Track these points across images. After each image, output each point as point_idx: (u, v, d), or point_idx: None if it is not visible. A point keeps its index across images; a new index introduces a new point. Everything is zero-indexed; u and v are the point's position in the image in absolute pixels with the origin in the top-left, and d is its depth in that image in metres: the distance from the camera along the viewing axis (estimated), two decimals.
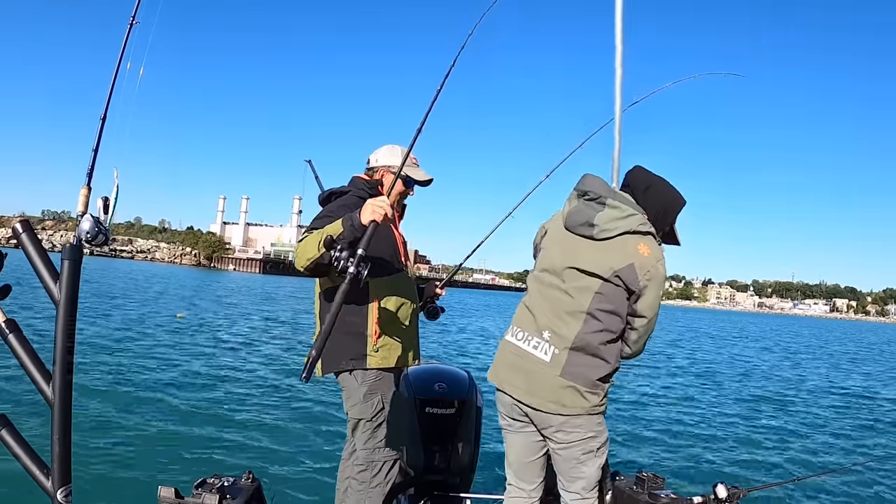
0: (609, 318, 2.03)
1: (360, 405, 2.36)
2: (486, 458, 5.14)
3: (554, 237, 2.22)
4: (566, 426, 2.04)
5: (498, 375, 2.17)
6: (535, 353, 2.05)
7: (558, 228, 2.21)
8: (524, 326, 2.13)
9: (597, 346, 2.03)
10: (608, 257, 2.04)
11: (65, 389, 1.21)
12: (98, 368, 8.37)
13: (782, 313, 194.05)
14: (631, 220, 2.07)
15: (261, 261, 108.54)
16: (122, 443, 5.23)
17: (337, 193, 2.50)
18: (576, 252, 2.11)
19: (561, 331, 2.03)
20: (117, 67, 1.87)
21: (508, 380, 2.12)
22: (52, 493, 1.20)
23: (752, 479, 5.81)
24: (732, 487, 2.52)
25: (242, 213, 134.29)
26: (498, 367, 2.18)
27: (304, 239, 2.21)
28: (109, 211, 1.56)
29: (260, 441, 5.75)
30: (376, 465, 2.38)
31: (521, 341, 2.11)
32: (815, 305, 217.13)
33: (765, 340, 32.01)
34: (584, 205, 2.14)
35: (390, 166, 2.53)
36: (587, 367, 2.02)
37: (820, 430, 8.68)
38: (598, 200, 2.12)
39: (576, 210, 2.15)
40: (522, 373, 2.07)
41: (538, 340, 2.06)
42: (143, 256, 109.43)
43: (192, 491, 2.16)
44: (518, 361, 2.09)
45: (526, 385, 2.05)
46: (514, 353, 2.12)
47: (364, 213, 2.04)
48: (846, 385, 14.35)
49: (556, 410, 2.01)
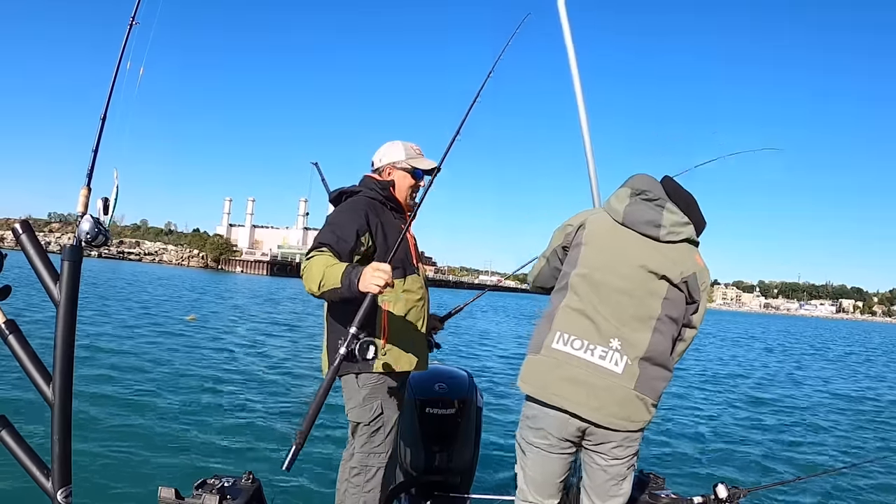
0: (672, 327, 1.92)
1: (358, 409, 2.33)
2: (486, 458, 5.14)
3: (605, 233, 2.00)
4: (626, 441, 1.89)
5: (548, 390, 1.89)
6: (602, 364, 1.84)
7: (609, 224, 2.00)
8: (582, 334, 1.88)
9: (664, 355, 1.90)
10: (677, 262, 1.92)
11: (65, 390, 1.21)
12: (99, 369, 8.37)
13: (788, 314, 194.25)
14: (690, 228, 1.97)
15: (268, 263, 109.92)
16: (122, 443, 5.23)
17: (348, 193, 2.45)
18: (640, 251, 1.93)
19: (631, 338, 1.86)
20: (117, 68, 1.87)
21: (566, 395, 1.86)
22: (52, 494, 1.20)
23: (752, 479, 5.80)
24: (732, 487, 2.52)
25: (248, 214, 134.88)
26: (548, 380, 1.90)
27: (310, 264, 2.10)
28: (109, 212, 1.55)
29: (260, 442, 5.75)
30: (370, 469, 2.35)
31: (580, 350, 1.87)
32: (822, 306, 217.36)
33: (767, 340, 32.00)
34: (643, 203, 1.97)
35: (395, 162, 2.49)
36: (658, 378, 1.89)
37: (820, 430, 8.68)
38: (657, 202, 1.97)
39: (636, 207, 1.96)
40: (586, 387, 1.84)
41: (604, 349, 1.85)
42: (150, 259, 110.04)
43: (193, 491, 2.16)
44: (580, 374, 1.85)
45: (592, 400, 1.83)
46: (573, 365, 1.86)
47: (363, 280, 1.90)
48: (847, 385, 14.35)
49: (624, 427, 1.84)
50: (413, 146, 2.54)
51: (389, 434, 2.40)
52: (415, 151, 2.53)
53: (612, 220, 2.00)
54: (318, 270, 2.04)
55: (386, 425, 2.38)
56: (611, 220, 2.00)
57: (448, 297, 45.92)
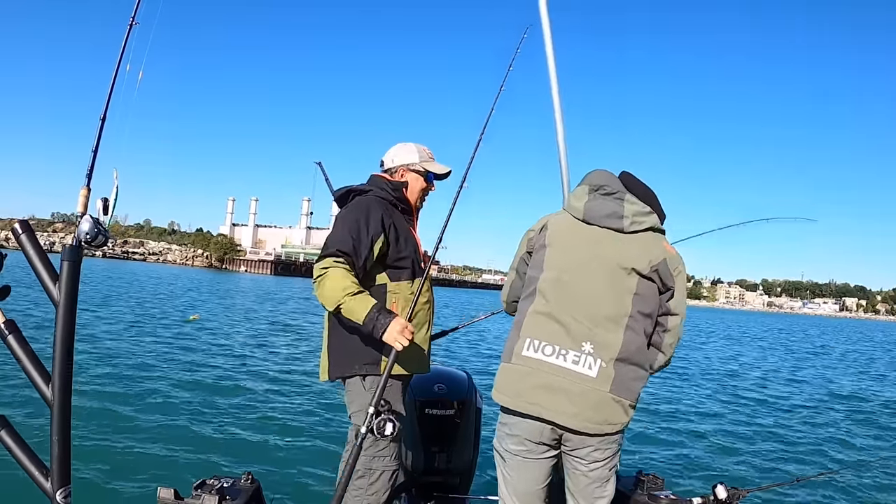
0: (646, 322, 1.89)
1: (364, 411, 2.33)
2: (485, 458, 5.13)
3: (566, 231, 1.97)
4: (603, 444, 1.86)
5: (523, 398, 1.85)
6: (575, 369, 1.79)
7: (570, 223, 1.98)
8: (552, 339, 1.84)
9: (640, 354, 1.87)
10: (642, 250, 1.89)
11: (64, 390, 1.21)
12: (99, 369, 8.36)
13: (792, 312, 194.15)
14: (653, 217, 1.97)
15: (272, 262, 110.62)
16: (121, 443, 5.22)
17: (356, 192, 2.42)
18: (605, 246, 1.90)
19: (604, 340, 1.81)
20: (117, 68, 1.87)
21: (541, 402, 1.82)
22: (51, 494, 1.20)
23: (752, 479, 5.80)
24: (732, 488, 2.51)
25: (252, 214, 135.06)
26: (521, 388, 1.86)
27: (328, 279, 2.11)
28: (109, 212, 1.55)
29: (260, 442, 5.74)
30: (374, 472, 2.34)
31: (551, 357, 1.82)
32: (825, 304, 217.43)
33: (768, 339, 31.99)
34: (601, 198, 1.96)
35: (410, 164, 2.49)
36: (634, 379, 1.85)
37: (820, 430, 8.67)
38: (615, 196, 1.95)
39: (595, 203, 1.95)
40: (561, 393, 1.80)
41: (577, 354, 1.80)
42: (155, 258, 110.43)
43: (192, 492, 2.16)
44: (554, 380, 1.81)
45: (568, 406, 1.79)
46: (546, 372, 1.82)
47: (389, 334, 2.01)
48: (848, 385, 14.34)
49: (600, 430, 1.81)
50: (425, 149, 2.55)
51: (395, 438, 2.40)
52: (427, 154, 2.53)
53: (573, 219, 1.98)
54: (337, 292, 2.07)
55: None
56: (572, 218, 1.98)
57: (449, 296, 45.43)
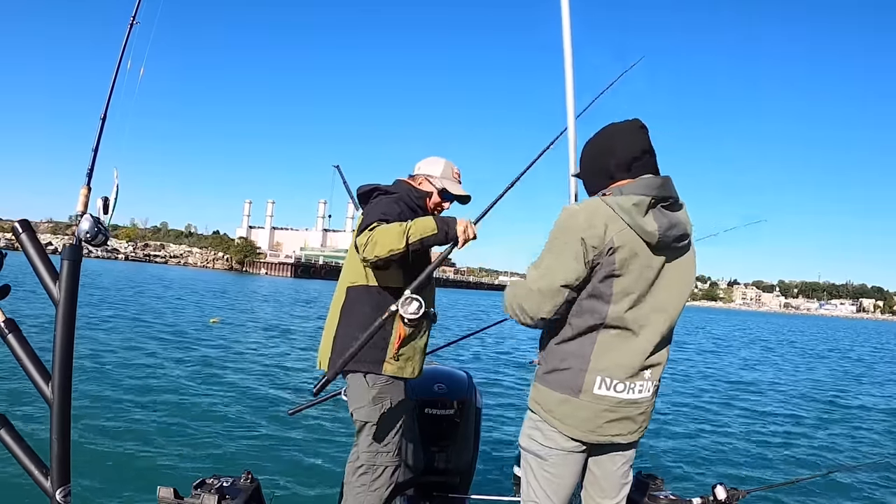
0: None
1: (367, 408, 2.34)
2: (485, 458, 5.15)
3: (642, 260, 1.74)
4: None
5: (596, 433, 1.83)
6: (640, 398, 1.84)
7: (640, 248, 1.73)
8: (623, 376, 1.80)
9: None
10: (693, 266, 1.90)
11: (64, 389, 1.21)
12: (99, 369, 8.37)
13: (808, 314, 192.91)
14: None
15: (292, 265, 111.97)
16: (121, 443, 5.23)
17: (382, 191, 2.46)
18: (680, 273, 1.84)
19: (659, 360, 1.87)
20: (117, 68, 1.87)
21: (617, 432, 1.85)
22: (51, 494, 1.20)
23: (751, 479, 5.80)
24: (731, 488, 2.52)
25: (268, 217, 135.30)
26: (597, 424, 1.82)
27: (382, 229, 2.14)
28: (109, 211, 1.56)
29: (259, 441, 5.75)
30: (377, 468, 2.37)
31: (622, 392, 1.81)
32: (842, 306, 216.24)
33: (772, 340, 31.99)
34: (669, 215, 1.76)
35: (430, 175, 2.54)
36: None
37: (820, 430, 8.68)
38: (676, 206, 1.80)
39: (663, 221, 1.72)
40: (632, 419, 1.86)
41: (641, 383, 1.83)
42: (176, 261, 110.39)
43: (192, 491, 2.16)
44: (628, 412, 1.84)
45: (633, 426, 1.87)
46: (621, 407, 1.82)
47: (459, 226, 2.16)
48: (848, 385, 14.35)
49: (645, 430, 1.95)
50: (453, 168, 2.59)
51: (397, 434, 2.42)
52: (452, 172, 2.57)
53: (644, 243, 1.72)
54: (398, 227, 2.13)
55: (394, 425, 2.40)
56: (641, 241, 1.72)
57: (463, 298, 45.26)
